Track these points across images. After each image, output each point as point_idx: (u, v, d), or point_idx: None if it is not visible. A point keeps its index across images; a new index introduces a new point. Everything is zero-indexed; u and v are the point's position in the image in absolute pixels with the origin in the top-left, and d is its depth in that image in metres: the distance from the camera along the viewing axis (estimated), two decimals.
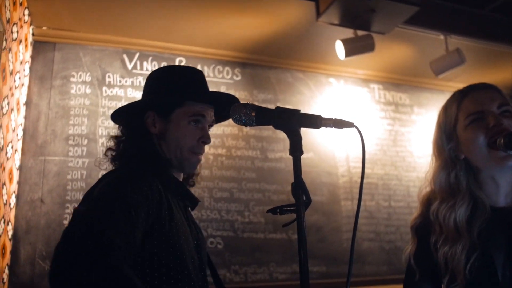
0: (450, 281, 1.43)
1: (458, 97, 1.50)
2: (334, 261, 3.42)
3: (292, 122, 1.13)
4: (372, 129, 3.97)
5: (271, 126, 1.15)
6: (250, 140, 3.50)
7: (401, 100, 4.20)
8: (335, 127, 1.14)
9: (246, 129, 3.50)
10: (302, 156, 3.87)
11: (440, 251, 1.44)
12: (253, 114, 1.15)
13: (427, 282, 1.51)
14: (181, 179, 1.52)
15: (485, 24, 3.64)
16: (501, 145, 1.30)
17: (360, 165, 3.79)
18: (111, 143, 1.49)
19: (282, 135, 3.55)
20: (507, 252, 1.41)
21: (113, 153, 1.47)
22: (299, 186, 1.08)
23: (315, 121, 1.13)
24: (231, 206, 3.29)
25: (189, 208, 1.53)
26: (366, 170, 3.78)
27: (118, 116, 1.54)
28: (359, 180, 3.80)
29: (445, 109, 1.53)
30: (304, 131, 3.74)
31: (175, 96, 1.49)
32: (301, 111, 1.14)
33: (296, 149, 1.11)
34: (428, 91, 4.31)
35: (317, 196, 3.54)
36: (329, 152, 3.73)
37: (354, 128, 1.17)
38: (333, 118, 1.14)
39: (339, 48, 3.10)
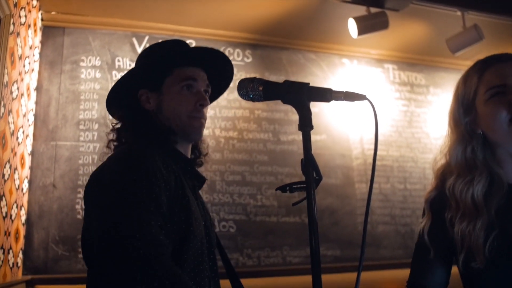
0: (467, 259, 1.37)
1: (480, 68, 1.42)
2: (348, 244, 3.38)
3: (301, 95, 1.08)
4: (387, 110, 3.90)
5: (283, 108, 1.12)
6: (262, 122, 3.45)
7: (417, 80, 4.11)
8: (346, 100, 1.08)
9: (258, 112, 3.45)
10: (315, 139, 3.84)
11: (457, 228, 1.37)
12: (261, 88, 1.10)
13: (441, 260, 1.45)
14: (189, 156, 1.48)
15: None
16: None
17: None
18: (112, 136, 1.46)
19: (294, 117, 3.50)
20: None
21: (115, 143, 1.45)
22: (309, 162, 1.03)
23: (325, 94, 1.08)
24: (243, 190, 3.25)
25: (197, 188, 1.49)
26: (381, 152, 3.73)
27: (113, 105, 1.51)
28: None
29: (465, 79, 1.45)
30: (318, 114, 3.70)
31: (160, 65, 1.45)
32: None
33: (305, 123, 1.06)
34: (444, 71, 4.21)
35: (331, 179, 3.49)
36: (343, 134, 3.66)
37: (367, 104, 1.10)
38: (344, 91, 1.09)
39: (352, 26, 3.03)
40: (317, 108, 3.58)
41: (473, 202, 1.35)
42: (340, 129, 3.65)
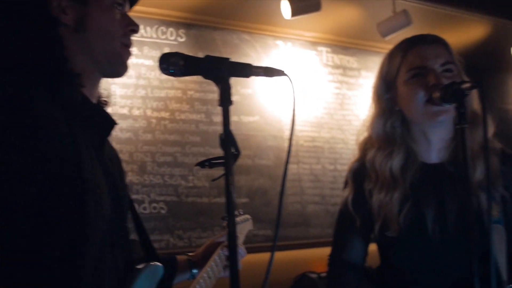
0: (382, 229, 1.44)
1: (404, 48, 1.48)
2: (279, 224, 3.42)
3: (222, 70, 1.06)
4: (320, 93, 3.96)
5: (216, 89, 1.06)
6: (194, 103, 3.41)
7: (349, 63, 4.19)
8: (265, 75, 1.08)
9: (190, 92, 3.40)
10: (248, 120, 3.82)
11: (375, 198, 1.44)
12: (182, 63, 1.07)
13: (363, 231, 1.51)
14: (95, 100, 1.17)
15: None
16: (437, 98, 1.28)
17: (307, 128, 3.79)
18: None
19: None
20: (437, 208, 1.43)
21: None
22: (227, 138, 1.02)
23: (245, 69, 1.08)
24: (174, 171, 3.21)
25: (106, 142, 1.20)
26: (312, 134, 3.80)
27: None
28: (305, 144, 3.82)
29: (390, 57, 1.50)
30: (251, 95, 3.68)
31: None
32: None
33: (225, 99, 1.05)
34: (376, 55, 4.31)
35: (263, 160, 3.51)
36: (276, 116, 3.69)
37: (287, 80, 1.10)
38: (264, 66, 1.08)
39: (285, 7, 3.04)
40: (250, 89, 3.58)
41: (391, 174, 1.42)
42: (273, 111, 3.67)
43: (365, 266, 1.65)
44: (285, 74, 1.06)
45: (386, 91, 1.48)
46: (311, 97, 3.87)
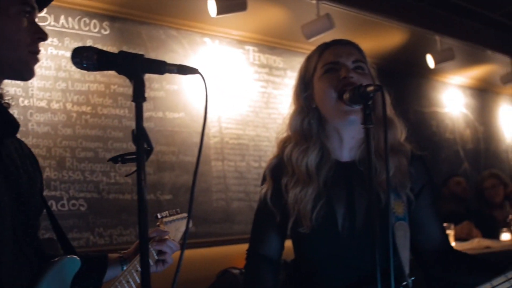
0: (295, 224, 1.51)
1: (321, 48, 1.59)
2: (203, 221, 3.44)
3: (136, 67, 1.07)
4: (246, 91, 4.00)
5: None
6: (118, 98, 3.34)
7: (275, 63, 4.27)
8: (179, 73, 1.10)
9: (114, 87, 3.33)
10: (174, 116, 3.81)
11: (291, 193, 1.51)
12: (95, 57, 1.08)
13: (280, 226, 1.58)
14: None
15: None
16: (347, 99, 1.35)
17: (232, 126, 3.83)
18: None
19: (152, 93, 3.45)
20: (347, 205, 1.51)
21: None
22: (140, 133, 1.03)
23: (158, 66, 1.09)
24: (95, 167, 3.13)
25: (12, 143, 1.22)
26: (237, 131, 3.84)
27: None
28: (231, 141, 3.86)
29: (308, 58, 1.60)
30: (177, 92, 3.68)
31: None
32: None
33: (139, 95, 1.07)
34: (302, 56, 4.37)
35: (187, 157, 3.51)
36: (201, 113, 3.67)
37: (200, 78, 1.13)
38: (178, 64, 1.10)
39: (211, 5, 3.05)
40: (176, 86, 3.56)
41: (306, 170, 1.49)
42: (199, 108, 3.68)
43: (281, 260, 1.71)
44: (198, 73, 1.09)
45: (305, 89, 1.57)
46: (237, 95, 3.91)
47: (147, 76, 3.61)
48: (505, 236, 3.73)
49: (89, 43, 3.27)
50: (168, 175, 3.39)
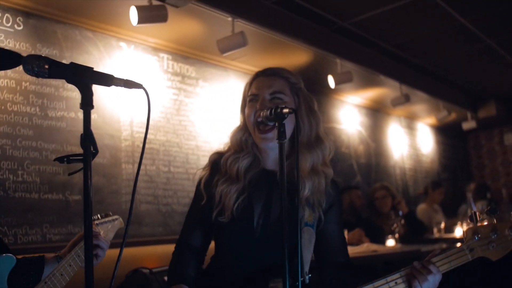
0: (218, 214, 1.74)
1: (252, 78, 1.84)
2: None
3: (85, 77, 1.19)
4: (158, 97, 4.11)
5: (54, 83, 1.18)
6: (29, 95, 3.30)
7: (188, 72, 4.42)
8: (125, 87, 1.24)
9: (25, 84, 3.28)
10: None
11: (219, 187, 1.74)
12: (46, 66, 1.17)
13: (209, 209, 1.78)
14: None
15: (267, 13, 4.08)
16: (263, 117, 1.57)
17: (144, 130, 3.91)
18: None
19: (65, 93, 3.45)
20: (264, 205, 1.74)
21: None
22: (87, 137, 1.15)
23: (106, 80, 1.22)
24: (2, 164, 3.06)
25: None
26: (149, 136, 3.92)
27: None
28: (141, 145, 3.86)
29: (246, 84, 1.86)
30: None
31: None
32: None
33: (87, 103, 1.18)
34: (213, 67, 4.62)
35: (98, 158, 3.53)
36: (114, 116, 3.74)
37: (142, 91, 1.28)
38: (124, 78, 1.24)
39: (133, 14, 3.14)
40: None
41: (236, 172, 1.75)
42: (112, 110, 3.73)
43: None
44: (142, 88, 1.23)
45: (242, 111, 1.85)
46: (150, 100, 4.00)
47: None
48: (390, 242, 4.19)
49: (0, 37, 3.20)
50: (78, 175, 3.35)
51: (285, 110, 1.46)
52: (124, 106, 3.81)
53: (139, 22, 3.12)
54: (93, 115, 3.57)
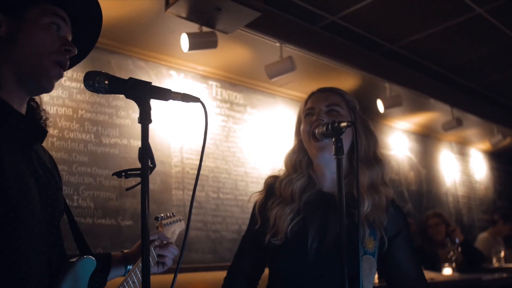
0: (272, 236, 1.68)
1: (308, 97, 1.83)
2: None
3: (144, 92, 1.19)
4: (207, 124, 4.13)
5: (108, 111, 1.21)
6: (85, 123, 3.41)
7: (236, 99, 4.46)
8: (182, 101, 1.24)
9: (81, 112, 3.40)
10: (137, 144, 3.93)
11: (274, 210, 1.70)
12: (106, 82, 1.19)
13: (263, 232, 1.74)
14: (23, 111, 1.25)
15: (315, 38, 4.09)
16: (319, 134, 1.54)
17: (193, 157, 3.95)
18: None
19: (118, 121, 3.54)
20: (319, 228, 1.68)
21: None
22: (145, 151, 1.15)
23: (164, 93, 1.22)
24: None
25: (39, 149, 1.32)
26: (198, 163, 3.93)
27: None
28: (191, 171, 3.96)
29: (302, 105, 1.84)
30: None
31: None
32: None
33: (145, 117, 1.18)
34: (261, 94, 4.65)
35: (150, 184, 3.56)
36: (164, 142, 3.80)
37: (200, 108, 1.28)
38: (182, 92, 1.24)
39: (184, 41, 3.21)
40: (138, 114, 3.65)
41: (291, 193, 1.71)
42: (162, 137, 3.79)
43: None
44: (200, 101, 1.23)
45: (298, 132, 1.82)
46: (199, 127, 4.06)
47: (114, 103, 3.80)
48: (447, 271, 4.01)
49: None
50: (129, 201, 3.45)
51: (343, 124, 1.41)
52: (175, 133, 3.87)
53: (190, 48, 3.18)
54: None
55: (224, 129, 4.28)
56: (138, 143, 3.60)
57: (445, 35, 4.37)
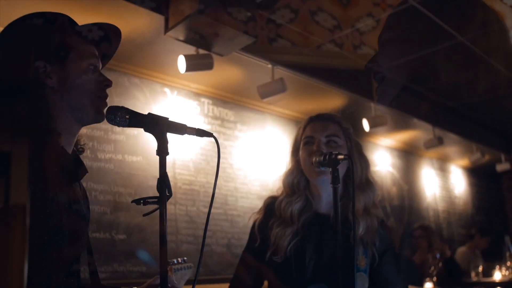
0: (272, 254, 1.83)
1: (306, 122, 1.95)
2: (155, 261, 3.59)
3: (161, 127, 1.31)
4: (199, 140, 4.25)
5: (103, 127, 1.29)
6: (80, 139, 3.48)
7: (227, 116, 4.58)
8: (197, 135, 1.36)
9: None
10: (132, 160, 4.05)
11: (274, 230, 1.84)
12: (127, 117, 1.31)
13: (263, 250, 1.87)
14: (70, 150, 1.40)
15: (306, 60, 4.24)
16: (316, 162, 1.68)
17: (185, 172, 4.06)
18: None
19: (113, 137, 3.63)
20: (315, 247, 1.83)
21: None
22: (163, 181, 1.26)
23: (180, 128, 1.34)
24: None
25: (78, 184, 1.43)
26: (190, 178, 4.06)
27: None
28: (183, 186, 4.07)
29: (299, 128, 1.99)
30: (136, 136, 3.93)
31: (66, 36, 1.36)
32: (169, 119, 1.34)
33: (162, 150, 1.30)
34: (251, 111, 4.78)
35: None
36: (157, 157, 3.88)
37: (209, 139, 1.40)
38: (196, 128, 1.36)
39: (181, 63, 3.33)
40: (136, 131, 3.75)
41: (290, 215, 1.84)
42: (155, 153, 3.87)
43: None
44: (213, 136, 1.35)
45: (295, 154, 1.93)
46: (190, 143, 4.17)
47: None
48: (428, 285, 4.16)
49: None
50: (123, 215, 3.54)
51: (340, 157, 1.55)
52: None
53: (187, 70, 3.30)
54: (138, 158, 3.74)
55: (215, 145, 4.36)
56: (132, 158, 3.70)
57: (427, 59, 4.56)
